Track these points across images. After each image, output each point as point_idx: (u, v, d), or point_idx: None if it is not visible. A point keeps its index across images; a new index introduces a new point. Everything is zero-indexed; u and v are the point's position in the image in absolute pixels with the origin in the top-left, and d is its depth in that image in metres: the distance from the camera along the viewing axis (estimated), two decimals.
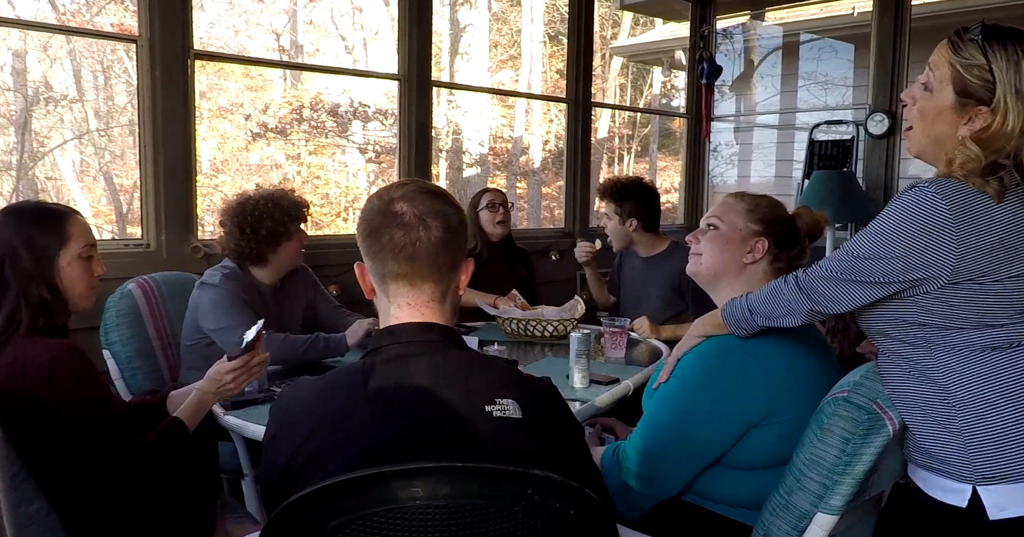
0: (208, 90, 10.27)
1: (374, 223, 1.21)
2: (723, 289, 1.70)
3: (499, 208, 3.42)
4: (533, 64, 11.05)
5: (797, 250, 1.69)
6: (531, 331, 2.88)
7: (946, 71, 1.31)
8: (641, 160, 12.54)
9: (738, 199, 1.73)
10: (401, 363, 1.18)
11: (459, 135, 10.87)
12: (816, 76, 6.62)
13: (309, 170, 10.33)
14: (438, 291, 1.23)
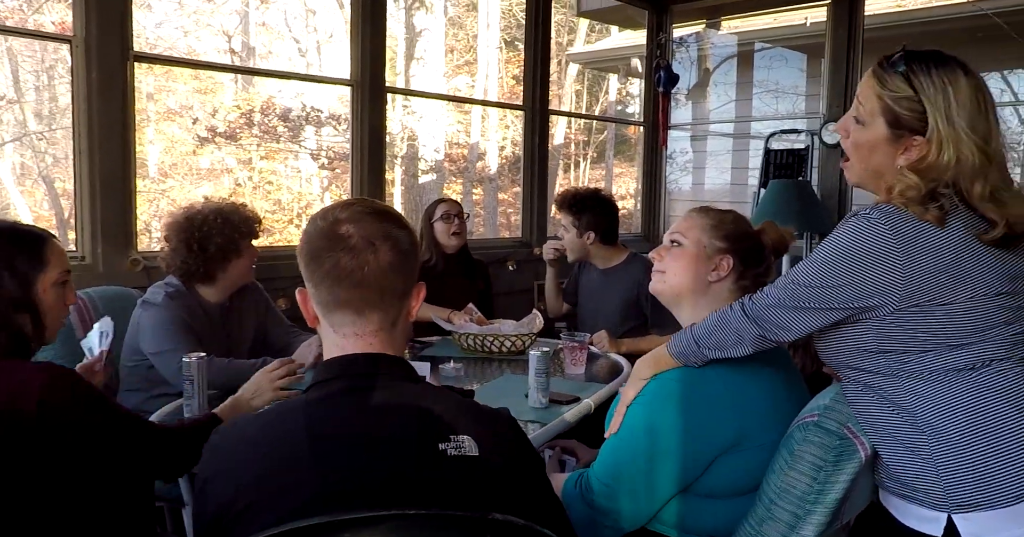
0: (156, 92, 10.01)
1: (317, 246, 1.12)
2: (687, 308, 1.64)
3: (454, 219, 3.33)
4: (489, 70, 10.99)
5: (763, 267, 1.64)
6: (488, 347, 2.80)
7: (875, 104, 1.30)
8: (597, 166, 12.56)
9: (702, 214, 1.67)
10: (347, 399, 1.09)
11: (414, 141, 10.76)
12: (769, 85, 6.68)
13: (261, 175, 10.13)
14: (387, 319, 1.15)
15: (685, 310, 1.64)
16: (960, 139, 1.23)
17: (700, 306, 1.61)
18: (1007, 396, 1.24)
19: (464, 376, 2.53)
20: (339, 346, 1.15)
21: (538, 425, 1.99)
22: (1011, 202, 1.24)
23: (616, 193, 11.79)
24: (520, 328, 2.87)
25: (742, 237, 1.63)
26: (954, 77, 1.25)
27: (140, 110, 10.38)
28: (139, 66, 3.02)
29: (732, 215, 1.68)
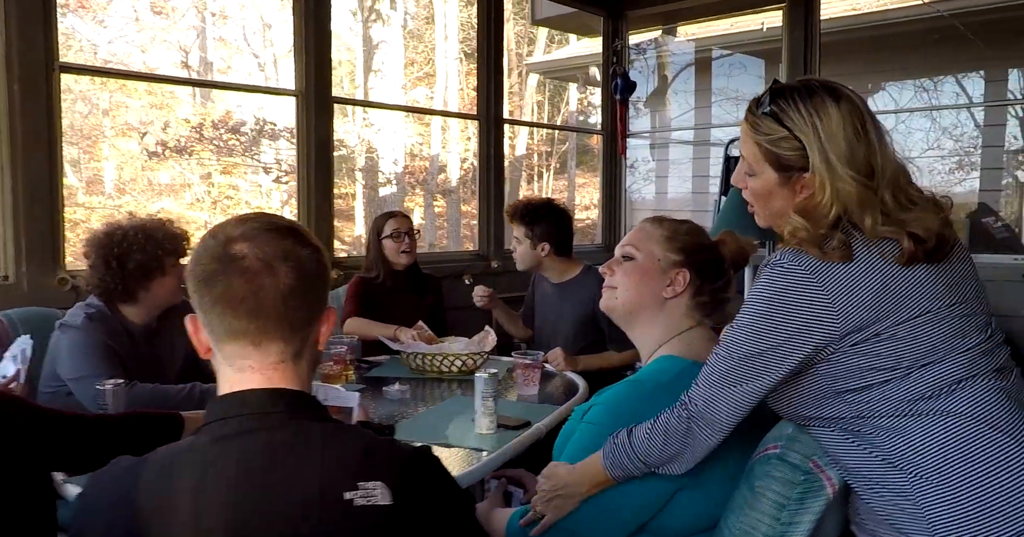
0: (112, 108, 9.79)
1: (208, 269, 0.98)
2: (640, 326, 1.52)
3: (404, 237, 3.17)
4: (449, 81, 10.89)
5: (722, 281, 1.53)
6: (437, 367, 2.66)
7: (756, 151, 1.27)
8: (560, 177, 12.51)
9: (656, 225, 1.55)
10: (237, 444, 0.95)
11: (373, 154, 10.61)
12: (728, 92, 6.64)
13: (219, 190, 9.93)
14: (289, 350, 1.01)
15: (639, 328, 1.53)
16: (836, 175, 1.18)
17: (655, 324, 1.50)
18: (984, 418, 1.13)
19: (410, 398, 2.38)
20: (233, 381, 1.01)
21: (484, 453, 1.85)
22: (916, 216, 1.18)
23: (579, 204, 11.73)
24: (471, 346, 2.73)
25: (699, 249, 1.52)
26: (822, 107, 1.20)
27: (95, 126, 10.12)
28: (94, 82, 2.85)
29: (688, 226, 1.56)
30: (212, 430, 0.97)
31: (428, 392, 2.50)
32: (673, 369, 1.40)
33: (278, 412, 0.97)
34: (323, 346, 1.08)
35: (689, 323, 1.50)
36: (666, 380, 1.37)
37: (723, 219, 4.06)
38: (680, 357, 1.44)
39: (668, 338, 1.48)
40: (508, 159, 11.39)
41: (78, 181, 9.83)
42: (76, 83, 9.31)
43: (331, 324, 1.07)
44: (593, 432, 1.36)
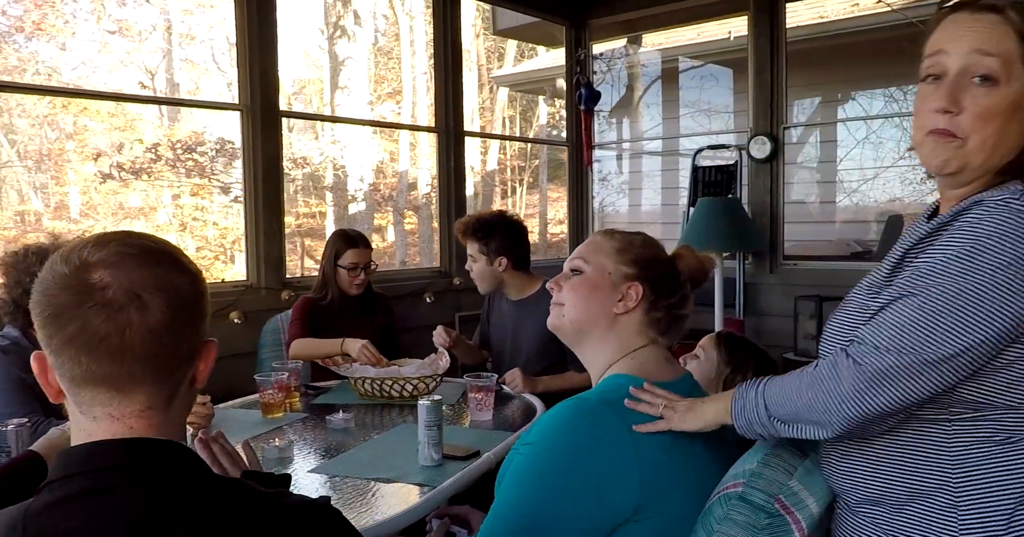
0: (77, 132, 9.59)
1: (58, 302, 0.81)
2: (590, 344, 1.38)
3: (360, 273, 3.00)
4: (417, 97, 10.77)
5: (678, 297, 1.39)
6: (387, 391, 2.49)
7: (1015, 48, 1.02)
8: (533, 191, 12.40)
9: (607, 237, 1.42)
10: (82, 508, 0.78)
11: (340, 171, 10.46)
12: (699, 104, 6.56)
13: (184, 211, 9.73)
14: (160, 395, 0.85)
15: (588, 347, 1.39)
16: None
17: (606, 342, 1.36)
18: None
19: (354, 428, 2.22)
20: (86, 431, 0.84)
21: (427, 489, 1.69)
22: None
23: (553, 218, 11.62)
24: (423, 369, 2.56)
25: (653, 262, 1.39)
26: None
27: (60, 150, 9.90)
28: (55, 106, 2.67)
29: (641, 237, 1.43)
30: (53, 491, 0.80)
31: (376, 420, 2.33)
32: (623, 387, 1.26)
33: (138, 466, 0.81)
34: (202, 384, 0.92)
35: (642, 341, 1.36)
36: (614, 398, 1.23)
37: (691, 230, 3.96)
38: (631, 375, 1.30)
39: (619, 357, 1.35)
40: (479, 174, 11.33)
41: (44, 206, 9.61)
42: (34, 107, 9.12)
43: (210, 361, 0.91)
44: (532, 453, 1.21)
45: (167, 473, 0.82)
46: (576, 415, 1.20)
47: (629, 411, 1.20)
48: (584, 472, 1.16)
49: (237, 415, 2.37)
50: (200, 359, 0.89)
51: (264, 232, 3.42)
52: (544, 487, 1.16)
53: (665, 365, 1.36)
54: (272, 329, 3.21)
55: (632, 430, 1.18)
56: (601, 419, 1.19)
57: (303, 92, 11.44)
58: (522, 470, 1.21)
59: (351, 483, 1.74)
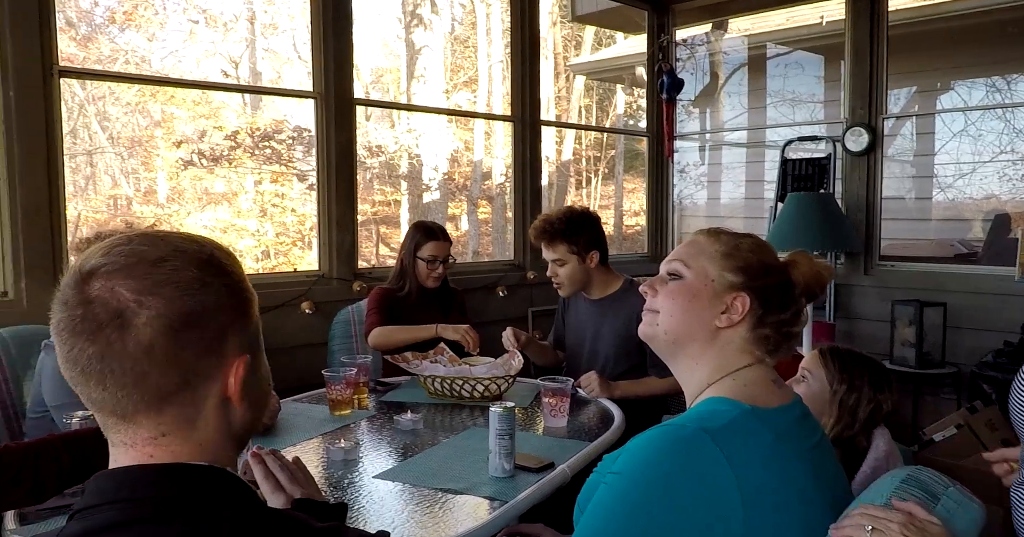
0: (164, 120, 9.84)
1: (57, 316, 0.74)
2: (686, 360, 1.23)
3: (439, 265, 2.93)
4: (492, 86, 10.67)
5: (790, 313, 1.22)
6: (456, 391, 2.39)
7: None
8: (608, 182, 12.19)
9: (712, 238, 1.26)
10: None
11: (415, 160, 10.46)
12: (784, 93, 6.26)
13: (265, 198, 9.89)
14: (173, 421, 0.75)
15: (683, 362, 1.24)
16: None
17: (704, 359, 1.21)
18: None
19: (423, 429, 2.12)
20: (112, 456, 0.76)
21: (497, 503, 1.57)
22: None
23: (628, 209, 11.39)
24: (495, 369, 2.45)
25: (763, 271, 1.22)
26: None
27: (149, 137, 10.22)
28: (141, 94, 2.69)
29: (751, 241, 1.26)
30: (85, 519, 0.72)
31: (445, 421, 2.23)
32: (725, 414, 1.10)
33: (168, 497, 0.72)
34: (237, 398, 0.79)
35: (745, 360, 1.20)
36: (715, 426, 1.07)
37: (779, 227, 3.74)
38: (735, 400, 1.14)
39: (719, 376, 1.19)
40: (554, 164, 11.17)
41: (134, 191, 9.89)
42: (125, 94, 9.37)
43: (241, 377, 0.79)
44: (620, 486, 1.07)
45: (203, 504, 0.72)
46: (671, 444, 1.06)
47: (732, 442, 1.05)
48: (679, 508, 1.02)
49: (305, 410, 2.31)
50: (227, 377, 0.78)
51: (337, 222, 3.36)
52: (633, 524, 1.03)
53: (773, 388, 1.19)
54: (343, 321, 3.15)
55: (733, 463, 1.03)
56: (699, 450, 1.04)
57: (380, 81, 11.48)
58: (609, 503, 1.07)
59: (418, 492, 1.64)
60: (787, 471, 1.07)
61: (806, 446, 1.14)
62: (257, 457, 1.12)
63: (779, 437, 1.09)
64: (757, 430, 1.08)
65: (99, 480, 0.74)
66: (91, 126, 9.65)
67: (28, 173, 2.58)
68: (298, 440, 2.01)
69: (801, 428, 1.16)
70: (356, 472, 1.77)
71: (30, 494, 1.34)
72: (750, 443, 1.06)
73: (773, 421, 1.11)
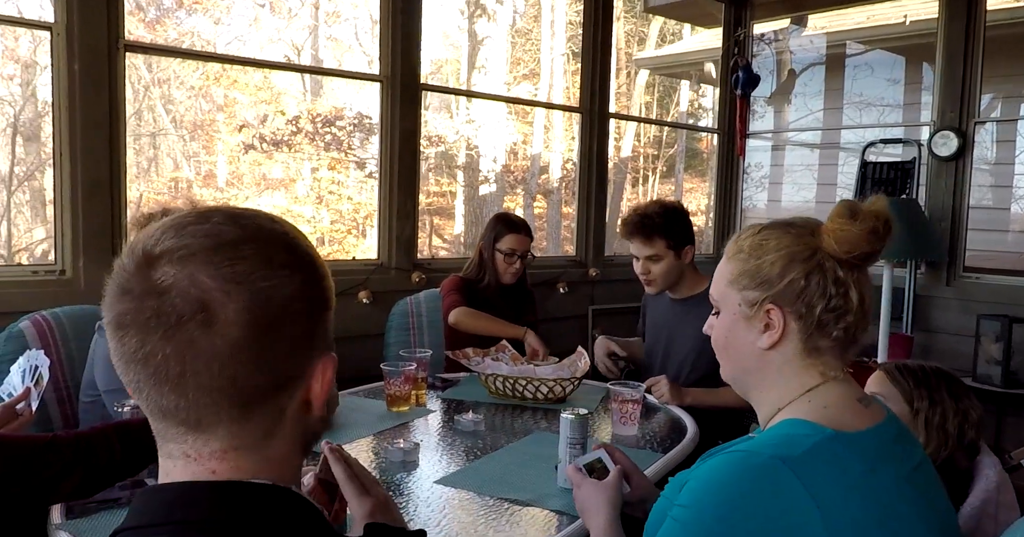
0: (227, 104, 9.94)
1: (117, 307, 0.63)
2: (754, 393, 1.09)
3: (516, 260, 2.85)
4: (554, 79, 10.53)
5: (835, 297, 1.01)
6: (520, 392, 2.28)
7: None
8: (667, 181, 11.98)
9: (725, 258, 1.11)
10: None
11: (472, 151, 10.39)
12: (863, 93, 6.01)
13: (322, 185, 9.93)
14: (251, 432, 0.65)
15: (753, 397, 1.10)
16: None
17: (766, 385, 1.06)
18: None
19: (484, 430, 2.02)
20: (164, 470, 0.66)
21: (567, 518, 1.46)
22: None
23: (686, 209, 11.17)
24: (560, 371, 2.34)
25: (778, 268, 1.03)
26: None
27: (211, 121, 10.40)
28: (205, 78, 2.65)
29: (751, 237, 1.08)
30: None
31: (507, 423, 2.12)
32: (805, 439, 0.95)
33: (226, 523, 0.61)
34: (320, 403, 0.70)
35: (815, 378, 1.03)
36: (794, 454, 0.92)
37: None
38: (815, 423, 0.98)
39: (789, 400, 1.04)
40: (613, 160, 11.01)
41: (195, 174, 10.02)
42: (189, 77, 9.48)
43: (328, 380, 0.70)
44: (687, 518, 0.94)
45: (266, 530, 0.62)
46: (742, 474, 0.92)
47: (814, 472, 0.90)
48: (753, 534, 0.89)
49: (361, 405, 2.22)
50: (312, 378, 0.68)
51: (397, 211, 3.28)
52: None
53: (858, 409, 1.02)
54: (400, 312, 3.06)
55: (815, 494, 0.89)
56: (775, 481, 0.90)
57: (440, 71, 11.44)
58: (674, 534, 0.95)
59: (481, 501, 1.54)
60: (883, 503, 0.93)
61: (904, 470, 0.99)
62: (337, 453, 0.99)
63: (871, 465, 0.95)
64: (844, 458, 0.93)
65: (148, 497, 0.64)
66: (156, 108, 9.78)
67: (90, 147, 2.53)
68: (354, 437, 1.92)
69: (897, 450, 1.00)
70: (415, 475, 1.67)
71: (80, 487, 1.27)
72: (836, 473, 0.91)
73: (862, 447, 0.96)
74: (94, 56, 2.52)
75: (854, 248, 1.00)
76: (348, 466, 0.92)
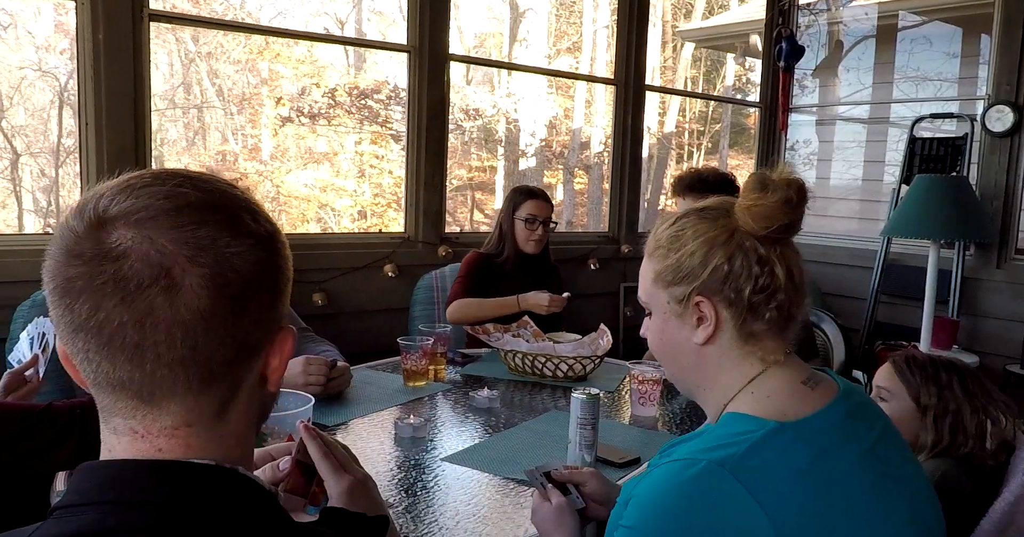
0: (271, 78, 9.99)
1: (64, 272, 0.58)
2: (699, 393, 1.03)
3: (538, 226, 2.78)
4: (596, 53, 10.36)
5: (761, 278, 0.94)
6: (539, 369, 2.23)
7: None
8: (711, 157, 11.77)
9: (646, 257, 1.05)
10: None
11: (512, 125, 10.31)
12: (915, 65, 5.77)
13: (364, 158, 9.95)
14: (204, 407, 0.61)
15: (699, 397, 1.03)
16: None
17: (707, 383, 1.00)
18: None
19: (500, 408, 1.97)
20: (107, 445, 0.62)
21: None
22: None
23: None
24: (581, 349, 2.28)
25: (698, 258, 0.96)
26: None
27: (255, 94, 10.46)
28: (249, 51, 2.62)
29: (668, 228, 1.01)
30: (64, 520, 0.58)
31: (524, 400, 2.07)
32: (745, 438, 0.87)
33: (166, 504, 0.57)
34: (276, 378, 0.66)
35: (756, 366, 0.96)
36: (732, 456, 0.85)
37: (903, 212, 3.40)
38: (756, 417, 0.91)
39: (732, 395, 0.97)
40: (655, 136, 10.81)
41: (241, 148, 10.11)
42: (234, 50, 9.53)
43: (286, 354, 0.66)
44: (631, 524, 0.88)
45: (207, 513, 0.58)
46: (682, 487, 0.84)
47: (755, 472, 0.83)
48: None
49: (378, 379, 2.19)
50: (269, 353, 0.64)
51: (425, 183, 3.23)
52: None
53: (803, 392, 0.94)
54: (425, 286, 3.03)
55: (757, 496, 0.82)
56: (715, 486, 0.83)
57: (483, 45, 11.33)
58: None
59: (487, 481, 1.49)
60: (833, 489, 0.86)
61: (862, 447, 0.91)
62: (311, 431, 0.95)
63: (820, 451, 0.87)
64: (788, 450, 0.86)
65: (82, 474, 0.60)
66: (203, 82, 9.87)
67: (115, 117, 2.54)
68: (367, 412, 1.89)
69: (850, 428, 0.92)
70: (424, 452, 1.63)
71: (74, 456, 1.25)
72: (780, 468, 0.85)
73: (809, 433, 0.88)
74: (118, 25, 2.51)
75: (771, 222, 0.93)
76: (324, 444, 0.88)
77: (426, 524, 1.29)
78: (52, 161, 8.17)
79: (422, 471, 1.52)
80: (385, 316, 3.05)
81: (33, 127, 7.99)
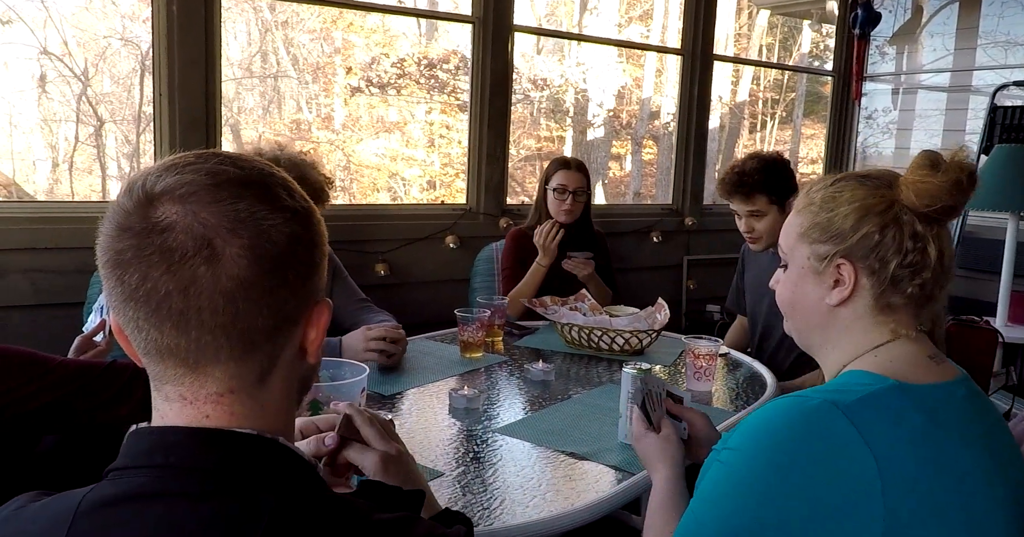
0: (345, 47, 10.11)
1: (116, 245, 0.62)
2: (820, 352, 1.05)
3: (568, 196, 2.76)
4: (668, 21, 10.14)
5: (911, 253, 0.95)
6: (595, 343, 2.24)
7: None
8: (785, 127, 11.45)
9: (795, 210, 1.05)
10: (134, 514, 0.60)
11: (580, 95, 10.20)
12: (1005, 29, 5.48)
13: (434, 128, 10.02)
14: (244, 374, 0.65)
15: (820, 356, 1.05)
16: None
17: (831, 344, 1.01)
18: None
19: (554, 381, 1.99)
20: (159, 411, 0.66)
21: (623, 475, 1.42)
22: None
23: (806, 156, 10.65)
24: (638, 323, 2.27)
25: (852, 222, 0.97)
26: None
27: (328, 63, 10.60)
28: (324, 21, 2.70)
29: (823, 189, 1.02)
30: (112, 484, 0.62)
31: (580, 372, 2.09)
32: (864, 387, 0.89)
33: (209, 469, 0.61)
34: (314, 350, 0.70)
35: (884, 335, 0.97)
36: (847, 399, 0.86)
37: (982, 182, 3.25)
38: (876, 373, 0.93)
39: (856, 356, 0.98)
40: (728, 105, 10.56)
41: (314, 116, 10.29)
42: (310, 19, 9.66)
43: (323, 326, 0.70)
44: (734, 462, 0.89)
45: (254, 482, 0.61)
46: (793, 418, 0.87)
47: (869, 418, 0.84)
48: (803, 492, 0.83)
49: (435, 350, 2.23)
50: (308, 322, 0.68)
51: (487, 154, 3.24)
52: (747, 510, 0.86)
53: (928, 364, 0.96)
54: (486, 258, 3.05)
55: (869, 440, 0.83)
56: (828, 425, 0.85)
57: (555, 14, 11.21)
58: (721, 485, 0.90)
59: (538, 453, 1.52)
60: (944, 458, 0.86)
61: (974, 430, 0.91)
62: (352, 407, 0.99)
63: (933, 418, 0.88)
64: (902, 408, 0.87)
65: (133, 437, 0.64)
66: (279, 51, 10.03)
67: (187, 88, 2.60)
68: (423, 382, 1.93)
69: (967, 408, 0.93)
70: (477, 423, 1.66)
71: (138, 410, 1.32)
72: (891, 422, 0.85)
73: (928, 400, 0.89)
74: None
75: (935, 201, 0.93)
76: (366, 417, 0.91)
77: (474, 494, 1.32)
78: (135, 128, 8.45)
79: (474, 442, 1.56)
80: (446, 287, 3.10)
81: (117, 95, 8.24)
